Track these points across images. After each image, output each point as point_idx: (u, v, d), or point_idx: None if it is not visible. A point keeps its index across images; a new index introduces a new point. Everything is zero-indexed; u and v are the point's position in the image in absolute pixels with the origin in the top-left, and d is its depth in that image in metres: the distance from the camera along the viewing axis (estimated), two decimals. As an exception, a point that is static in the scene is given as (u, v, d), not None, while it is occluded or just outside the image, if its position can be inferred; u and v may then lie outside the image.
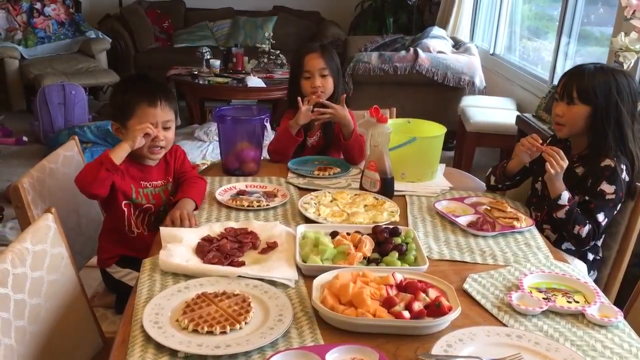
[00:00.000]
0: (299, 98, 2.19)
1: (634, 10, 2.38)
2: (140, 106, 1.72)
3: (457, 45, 5.26)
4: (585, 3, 3.88)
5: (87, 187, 1.68)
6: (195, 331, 1.18)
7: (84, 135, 4.18)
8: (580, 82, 1.81)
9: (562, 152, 1.78)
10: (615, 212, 1.82)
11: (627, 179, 1.80)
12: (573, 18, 3.94)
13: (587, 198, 1.81)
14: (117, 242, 1.84)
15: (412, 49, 4.82)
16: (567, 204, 1.76)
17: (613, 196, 1.78)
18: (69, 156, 1.95)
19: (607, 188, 1.78)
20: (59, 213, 1.49)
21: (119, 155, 1.68)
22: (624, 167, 1.80)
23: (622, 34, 2.48)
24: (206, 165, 2.85)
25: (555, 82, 3.24)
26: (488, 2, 5.53)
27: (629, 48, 2.54)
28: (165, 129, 1.77)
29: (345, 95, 2.23)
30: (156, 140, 1.74)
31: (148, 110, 1.73)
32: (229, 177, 2.05)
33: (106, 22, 6.33)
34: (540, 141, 1.86)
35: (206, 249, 1.50)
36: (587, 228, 1.76)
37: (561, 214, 1.76)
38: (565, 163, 1.77)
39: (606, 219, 1.79)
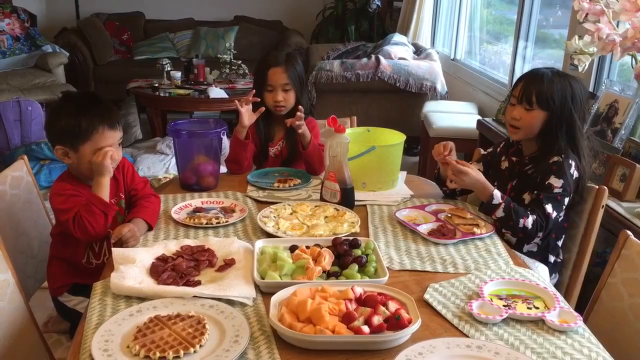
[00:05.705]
0: (236, 101, 2.19)
1: (587, 14, 2.41)
2: (99, 130, 1.67)
3: (418, 51, 5.29)
4: (543, 6, 3.93)
5: (100, 236, 1.70)
6: (147, 357, 1.13)
7: (41, 152, 4.07)
8: (539, 87, 1.82)
9: (456, 167, 1.81)
10: (564, 207, 1.80)
11: (576, 175, 1.81)
12: (529, 21, 3.99)
13: (536, 192, 1.81)
14: (68, 271, 1.77)
15: (373, 56, 4.83)
16: (501, 201, 1.75)
17: (560, 190, 1.78)
18: (18, 176, 1.88)
19: (555, 182, 1.78)
20: (8, 236, 1.43)
21: (105, 192, 1.67)
22: (572, 162, 1.81)
23: (576, 37, 2.51)
24: (168, 179, 2.79)
25: (514, 85, 3.26)
26: (448, 8, 5.58)
27: (583, 51, 2.57)
28: (118, 146, 1.74)
29: (300, 106, 2.22)
30: (114, 161, 1.71)
31: (108, 134, 1.69)
32: (183, 194, 2.00)
33: (63, 36, 6.20)
34: (447, 151, 1.93)
35: (161, 269, 1.45)
36: (531, 219, 1.74)
37: (499, 212, 1.75)
38: (466, 168, 1.80)
39: (555, 212, 1.77)
